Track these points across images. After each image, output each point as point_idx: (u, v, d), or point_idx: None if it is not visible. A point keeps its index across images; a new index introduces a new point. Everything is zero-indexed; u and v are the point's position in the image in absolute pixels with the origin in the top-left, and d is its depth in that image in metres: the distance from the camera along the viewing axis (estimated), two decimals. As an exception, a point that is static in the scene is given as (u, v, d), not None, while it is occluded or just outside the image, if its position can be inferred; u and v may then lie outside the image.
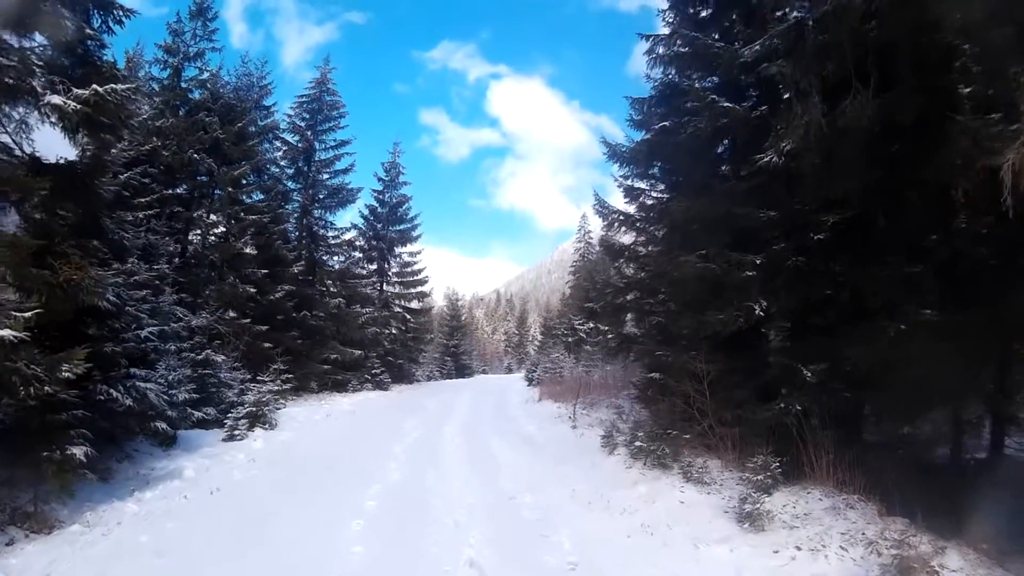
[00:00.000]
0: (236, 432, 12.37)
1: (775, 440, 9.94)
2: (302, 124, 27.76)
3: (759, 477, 8.98)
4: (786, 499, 9.07)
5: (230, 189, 20.05)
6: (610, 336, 25.32)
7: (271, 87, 25.09)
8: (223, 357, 14.48)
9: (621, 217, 15.39)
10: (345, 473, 10.39)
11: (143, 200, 15.62)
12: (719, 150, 12.69)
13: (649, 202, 15.23)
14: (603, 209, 15.64)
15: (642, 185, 15.26)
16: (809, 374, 9.89)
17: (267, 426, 13.50)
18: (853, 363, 9.01)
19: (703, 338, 11.58)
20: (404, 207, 34.35)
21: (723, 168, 12.47)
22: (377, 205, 33.95)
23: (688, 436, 11.44)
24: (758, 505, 8.53)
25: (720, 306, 10.93)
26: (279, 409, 16.78)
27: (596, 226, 47.50)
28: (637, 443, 11.52)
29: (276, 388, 17.28)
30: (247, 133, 21.75)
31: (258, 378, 14.82)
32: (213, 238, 20.49)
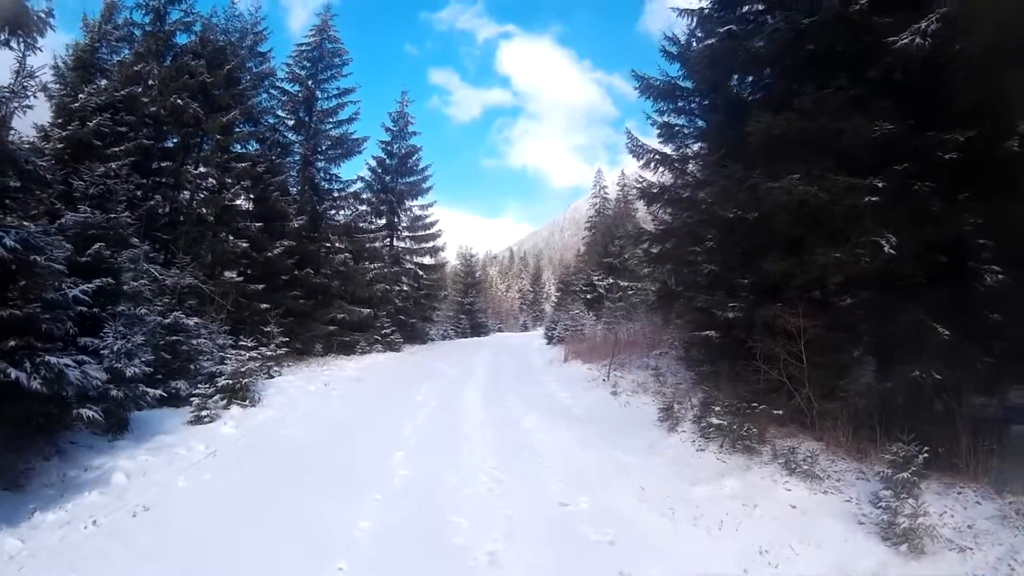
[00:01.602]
0: (204, 412, 9.70)
1: (902, 419, 7.31)
2: (302, 73, 24.83)
3: (903, 474, 6.22)
4: (938, 505, 6.44)
5: (218, 137, 17.34)
6: (651, 290, 23.19)
7: (266, 33, 21.93)
8: (197, 320, 11.70)
9: (657, 156, 13.36)
10: (332, 475, 7.60)
11: (118, 149, 13.54)
12: (805, 55, 9.63)
13: (692, 143, 13.44)
14: (637, 148, 13.48)
15: (679, 121, 13.36)
16: (947, 332, 7.21)
17: (247, 402, 10.84)
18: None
19: (796, 287, 8.81)
20: (414, 158, 31.42)
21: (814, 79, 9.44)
22: (385, 157, 31.07)
23: (780, 412, 8.67)
24: (915, 519, 5.85)
25: (821, 243, 8.14)
26: (273, 378, 14.32)
27: (611, 181, 46.12)
28: (711, 419, 8.78)
29: (269, 354, 14.76)
30: (237, 78, 18.92)
31: (241, 343, 12.03)
32: (205, 193, 17.85)
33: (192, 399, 9.88)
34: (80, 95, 13.62)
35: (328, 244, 23.80)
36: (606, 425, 10.77)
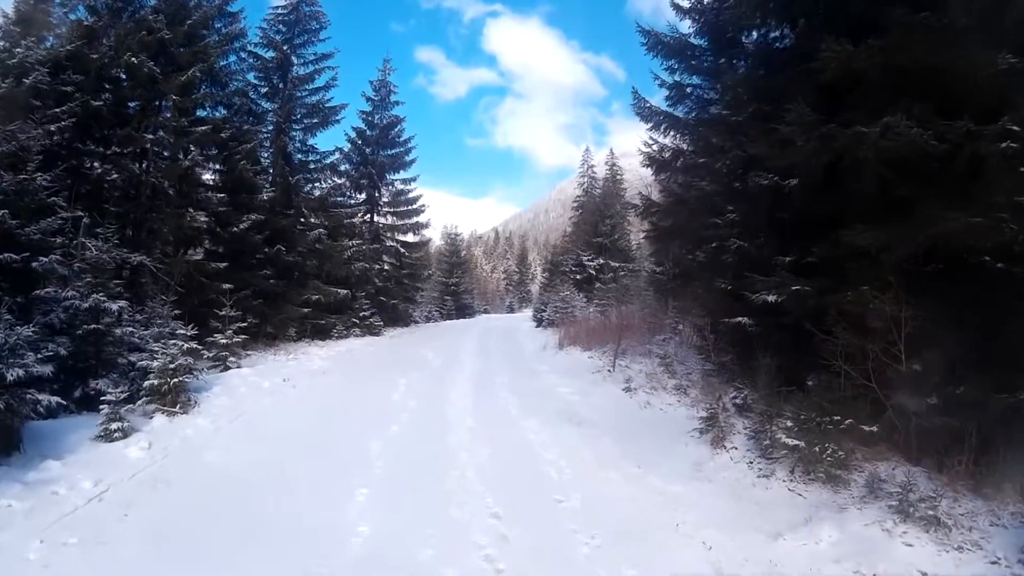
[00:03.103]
0: (115, 425, 7.30)
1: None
2: (277, 38, 22.18)
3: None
4: None
5: (175, 98, 14.75)
6: (653, 270, 21.09)
7: None
8: (121, 304, 9.22)
9: (667, 120, 11.71)
10: (253, 540, 5.07)
11: (60, 110, 11.65)
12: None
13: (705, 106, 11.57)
14: (645, 110, 11.76)
15: (694, 80, 11.57)
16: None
17: (177, 408, 8.43)
18: None
19: (889, 264, 6.62)
20: (396, 129, 28.80)
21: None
22: (365, 128, 28.36)
23: (875, 428, 6.50)
24: None
25: (933, 206, 5.95)
26: (229, 369, 12.01)
27: (600, 161, 43.99)
28: (781, 437, 6.62)
29: (223, 342, 12.40)
30: (200, 34, 16.35)
31: (178, 332, 9.57)
32: (162, 161, 15.36)
33: (101, 406, 7.48)
34: (17, 49, 11.52)
35: (303, 219, 21.30)
36: (628, 435, 8.54)
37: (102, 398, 7.58)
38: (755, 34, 10.36)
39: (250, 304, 17.45)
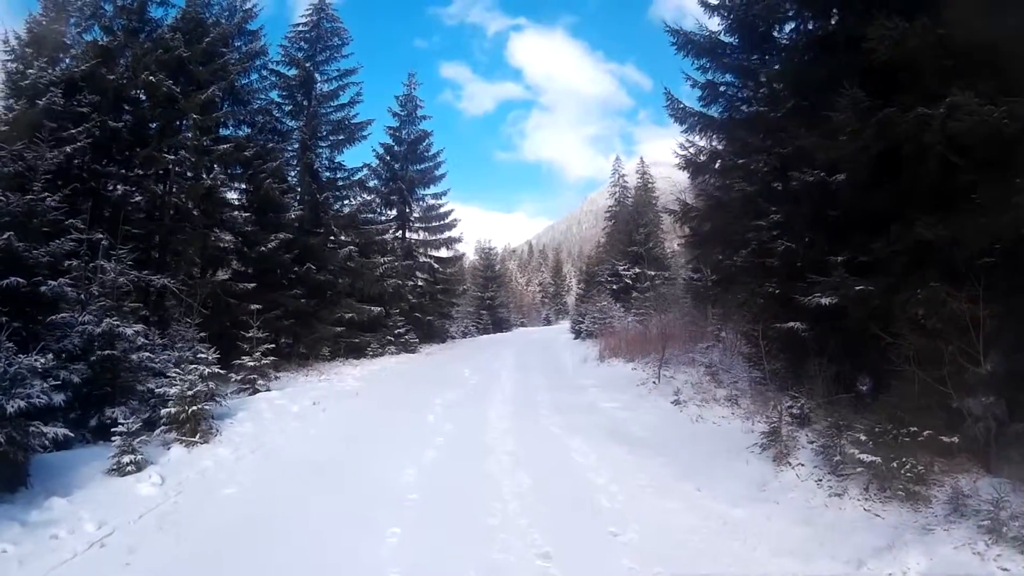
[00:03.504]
0: (127, 458, 6.67)
1: None
2: (299, 55, 22.01)
3: None
4: None
5: (196, 116, 14.43)
6: (690, 277, 20.27)
7: (256, 10, 18.55)
8: (137, 328, 8.68)
9: (701, 121, 11.16)
10: None
11: (76, 131, 11.30)
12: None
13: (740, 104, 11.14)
14: (679, 111, 11.25)
15: (726, 78, 11.12)
16: None
17: (197, 437, 7.77)
18: None
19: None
20: (424, 143, 28.42)
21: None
22: (393, 143, 28.08)
23: (955, 439, 5.72)
24: None
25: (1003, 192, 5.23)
26: (258, 392, 11.53)
27: (630, 170, 43.16)
28: (853, 451, 5.86)
29: (251, 364, 11.87)
30: (219, 52, 16.00)
31: (199, 356, 8.96)
32: (184, 181, 15.14)
33: (114, 438, 6.85)
34: (30, 71, 11.44)
35: (332, 237, 20.92)
36: (682, 453, 7.74)
37: (113, 429, 6.99)
38: (788, 26, 10.07)
39: (281, 324, 17.11)
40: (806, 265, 8.16)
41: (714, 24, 10.61)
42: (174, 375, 8.23)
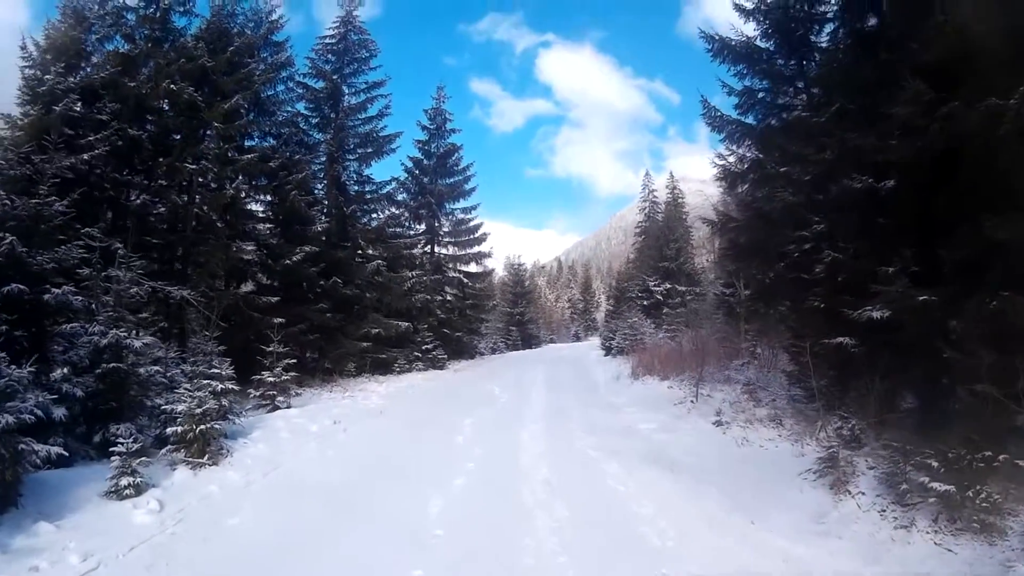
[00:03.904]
0: (126, 480, 6.12)
1: None
2: (326, 68, 21.78)
3: None
4: None
5: (219, 125, 14.10)
6: (723, 292, 19.49)
7: (282, 21, 18.32)
8: (146, 341, 8.20)
9: (739, 129, 10.76)
10: None
11: (94, 138, 11.09)
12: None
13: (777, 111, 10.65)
14: (716, 119, 10.91)
15: (764, 84, 10.73)
16: None
17: (205, 458, 7.19)
18: None
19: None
20: (453, 157, 27.95)
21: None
22: (422, 157, 27.69)
23: None
24: None
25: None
26: (278, 409, 11.00)
27: (660, 185, 42.52)
28: (924, 480, 5.20)
29: (271, 380, 11.36)
30: (242, 62, 15.75)
31: (213, 371, 8.45)
32: (207, 191, 14.91)
33: (112, 457, 6.31)
34: (47, 76, 11.09)
35: (360, 251, 20.58)
36: (731, 481, 6.98)
37: (111, 448, 6.45)
38: (827, 28, 9.79)
39: (306, 339, 16.69)
40: (853, 277, 7.56)
41: (749, 29, 10.34)
42: (183, 391, 7.69)
